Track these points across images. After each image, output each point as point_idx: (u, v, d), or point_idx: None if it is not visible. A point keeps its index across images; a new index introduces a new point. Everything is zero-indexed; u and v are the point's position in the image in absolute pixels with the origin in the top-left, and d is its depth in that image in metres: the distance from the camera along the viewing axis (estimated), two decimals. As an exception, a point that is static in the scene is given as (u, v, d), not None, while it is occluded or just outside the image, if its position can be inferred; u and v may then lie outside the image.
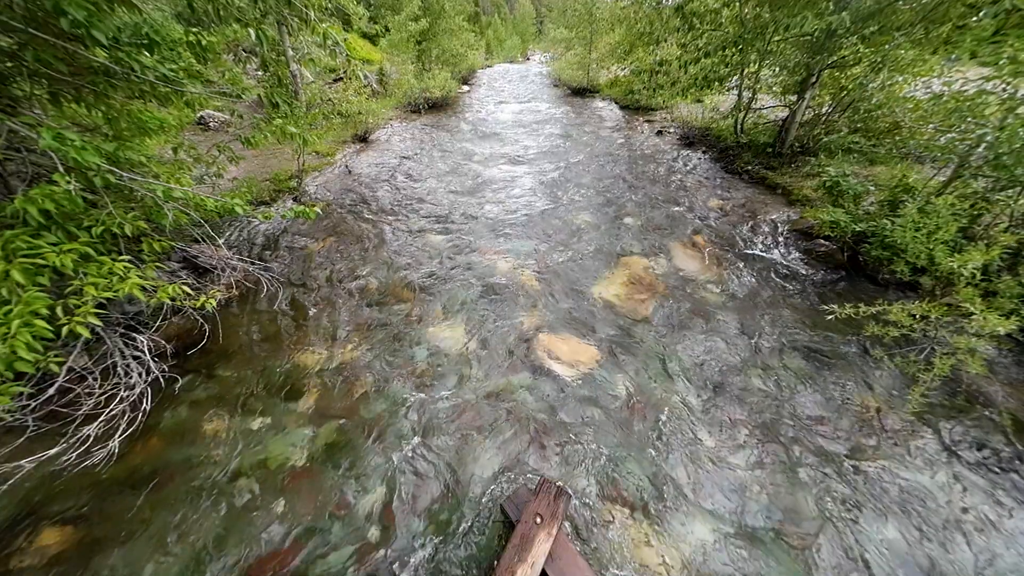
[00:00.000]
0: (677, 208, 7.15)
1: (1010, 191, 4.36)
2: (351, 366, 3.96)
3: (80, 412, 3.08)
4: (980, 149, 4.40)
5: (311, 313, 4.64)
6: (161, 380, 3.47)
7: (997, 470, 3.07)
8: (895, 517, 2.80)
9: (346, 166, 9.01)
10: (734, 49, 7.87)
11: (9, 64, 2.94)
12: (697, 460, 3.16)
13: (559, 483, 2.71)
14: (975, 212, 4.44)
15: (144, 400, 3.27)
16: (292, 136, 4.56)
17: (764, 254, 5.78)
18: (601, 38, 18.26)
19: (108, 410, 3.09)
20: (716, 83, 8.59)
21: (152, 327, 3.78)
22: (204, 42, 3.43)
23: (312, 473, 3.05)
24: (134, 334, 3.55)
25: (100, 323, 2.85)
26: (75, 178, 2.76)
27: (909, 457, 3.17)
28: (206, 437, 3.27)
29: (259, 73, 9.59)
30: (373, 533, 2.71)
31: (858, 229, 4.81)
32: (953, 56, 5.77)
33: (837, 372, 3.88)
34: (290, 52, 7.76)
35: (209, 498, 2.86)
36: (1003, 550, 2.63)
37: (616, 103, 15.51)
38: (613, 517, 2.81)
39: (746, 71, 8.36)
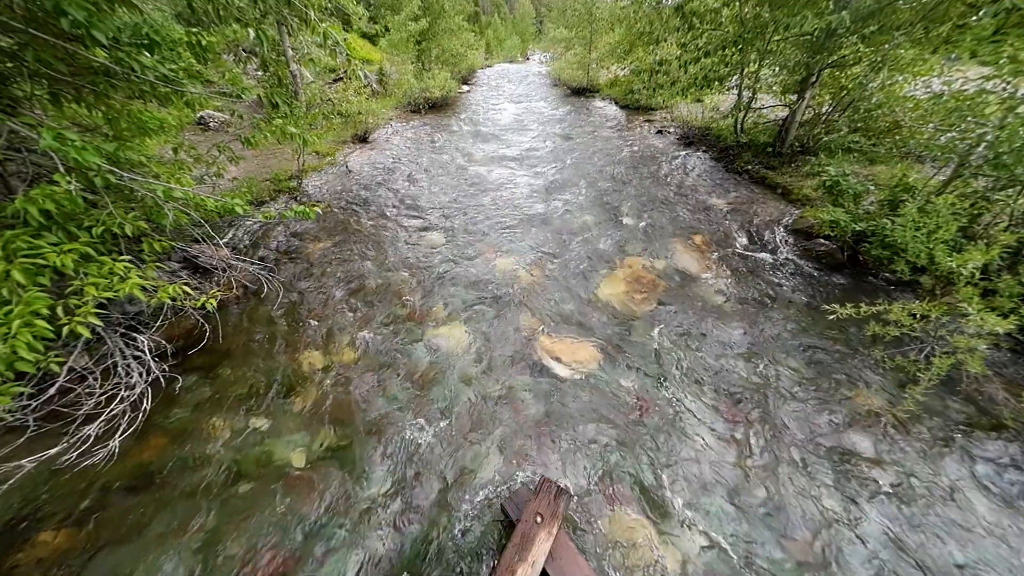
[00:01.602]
0: (677, 208, 7.15)
1: (1010, 190, 4.36)
2: (351, 366, 3.96)
3: (81, 412, 3.08)
4: (980, 148, 4.40)
5: (311, 313, 4.64)
6: (161, 380, 3.47)
7: (996, 470, 3.07)
8: (895, 518, 2.81)
9: (346, 166, 9.02)
10: (734, 49, 7.87)
11: (9, 64, 2.95)
12: (697, 460, 3.17)
13: (559, 483, 2.71)
14: (975, 211, 4.45)
15: (144, 400, 3.27)
16: (292, 136, 4.56)
17: (764, 254, 5.78)
18: (601, 38, 18.25)
19: (108, 410, 3.09)
20: (716, 83, 8.58)
21: (152, 327, 3.78)
22: (204, 42, 3.43)
23: (312, 473, 3.05)
24: (134, 334, 3.55)
25: (100, 323, 2.85)
26: (75, 178, 2.76)
27: (907, 456, 3.17)
28: (206, 437, 3.27)
29: (259, 73, 9.60)
30: (374, 532, 2.71)
31: (858, 228, 4.82)
32: (953, 55, 5.77)
33: (837, 372, 3.88)
34: (290, 52, 7.78)
35: (209, 498, 2.87)
36: (996, 553, 2.63)
37: (616, 103, 15.51)
38: (613, 517, 2.81)
39: (746, 71, 8.36)
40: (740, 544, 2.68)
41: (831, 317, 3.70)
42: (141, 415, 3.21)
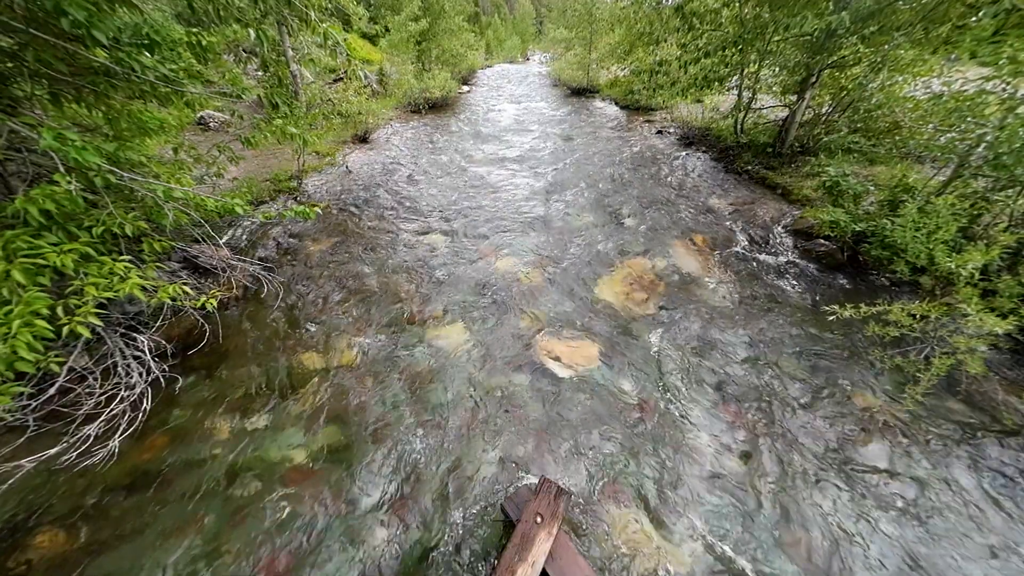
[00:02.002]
0: (677, 208, 7.15)
1: (1010, 191, 4.36)
2: (351, 366, 3.96)
3: (80, 412, 3.08)
4: (980, 149, 4.41)
5: (311, 313, 4.64)
6: (161, 380, 3.47)
7: (1005, 479, 3.07)
8: (893, 519, 2.81)
9: (346, 166, 9.02)
10: (734, 49, 7.87)
11: (10, 64, 2.95)
12: (697, 461, 3.17)
13: (559, 483, 2.71)
14: (975, 212, 4.45)
15: (144, 400, 3.27)
16: (292, 136, 4.56)
17: (764, 254, 5.78)
18: (601, 38, 18.26)
19: (108, 410, 3.09)
20: (716, 83, 8.59)
21: (152, 327, 3.77)
22: (204, 42, 3.43)
23: (313, 473, 3.05)
24: (134, 334, 3.55)
25: (100, 323, 2.86)
26: (76, 178, 2.76)
27: (908, 460, 3.17)
28: (206, 437, 3.27)
29: (259, 73, 9.61)
30: (374, 532, 2.71)
31: (858, 229, 4.82)
32: (953, 56, 5.78)
33: (837, 372, 3.89)
34: (290, 52, 7.78)
35: (209, 498, 2.86)
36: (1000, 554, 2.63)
37: (616, 103, 15.52)
38: (613, 517, 2.81)
39: (746, 71, 8.36)
40: (741, 548, 2.67)
41: (831, 318, 3.70)
42: (141, 415, 3.21)
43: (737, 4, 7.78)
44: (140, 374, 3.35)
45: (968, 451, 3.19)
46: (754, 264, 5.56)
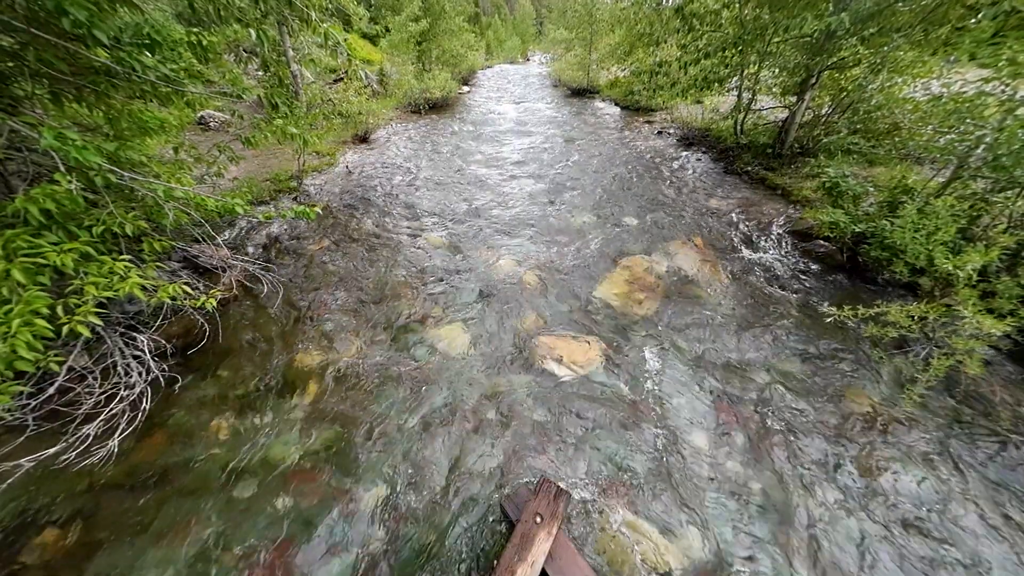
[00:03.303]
0: (677, 209, 7.16)
1: (1009, 192, 4.37)
2: (351, 366, 3.96)
3: (80, 411, 3.08)
4: (979, 150, 4.41)
5: (311, 313, 4.64)
6: (161, 379, 3.46)
7: (991, 470, 3.08)
8: (892, 520, 2.81)
9: (346, 166, 9.03)
10: (734, 50, 7.89)
11: (11, 64, 2.95)
12: (696, 463, 3.17)
13: (559, 483, 2.71)
14: (974, 213, 4.45)
15: (144, 399, 3.26)
16: (292, 136, 4.57)
17: (764, 255, 5.78)
18: (601, 39, 18.32)
19: (108, 409, 3.09)
20: (716, 84, 8.60)
21: (152, 326, 3.77)
22: (205, 42, 3.43)
23: (313, 472, 3.05)
24: (134, 333, 3.55)
25: (100, 322, 2.85)
26: (76, 178, 2.76)
27: (905, 457, 3.17)
28: (206, 437, 3.27)
29: (260, 73, 9.61)
30: (374, 532, 2.71)
31: (857, 230, 4.82)
32: (952, 58, 5.79)
33: (836, 373, 3.89)
34: (291, 52, 7.79)
35: (209, 498, 2.86)
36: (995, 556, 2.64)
37: (616, 104, 15.55)
38: (612, 517, 2.81)
39: (746, 72, 8.38)
40: (741, 548, 2.68)
41: (829, 319, 3.70)
42: (140, 415, 3.21)
43: (737, 5, 7.80)
44: (140, 373, 3.35)
45: (961, 449, 3.19)
46: (754, 265, 5.56)
